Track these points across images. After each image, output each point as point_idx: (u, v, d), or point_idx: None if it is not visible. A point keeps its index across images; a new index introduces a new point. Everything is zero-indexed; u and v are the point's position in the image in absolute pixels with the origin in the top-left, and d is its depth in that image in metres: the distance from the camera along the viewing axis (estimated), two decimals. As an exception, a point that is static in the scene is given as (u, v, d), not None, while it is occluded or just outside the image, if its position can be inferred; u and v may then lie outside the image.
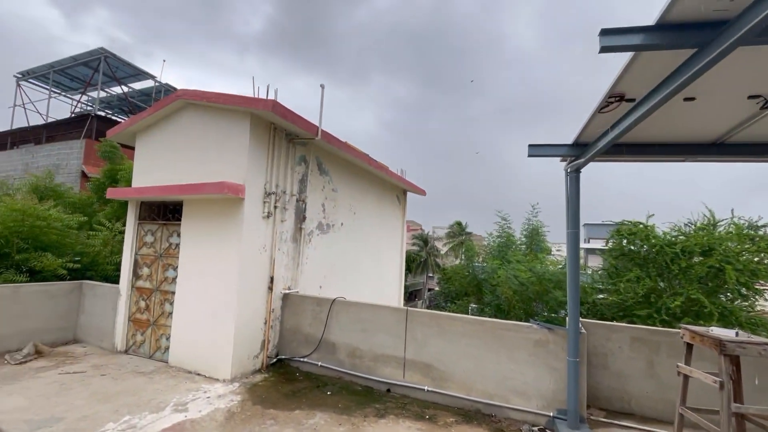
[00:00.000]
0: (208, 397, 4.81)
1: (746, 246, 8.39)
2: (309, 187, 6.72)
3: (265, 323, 5.82)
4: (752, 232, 8.59)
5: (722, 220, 9.00)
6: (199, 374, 5.48)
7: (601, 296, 10.09)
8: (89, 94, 20.37)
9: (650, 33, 2.26)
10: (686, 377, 3.20)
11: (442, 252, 39.31)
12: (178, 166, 6.06)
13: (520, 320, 4.80)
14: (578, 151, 4.03)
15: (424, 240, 38.53)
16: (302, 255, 6.55)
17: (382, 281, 9.71)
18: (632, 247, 9.37)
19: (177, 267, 6.01)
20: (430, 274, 38.77)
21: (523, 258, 12.21)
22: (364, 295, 8.50)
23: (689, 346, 3.26)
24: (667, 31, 2.24)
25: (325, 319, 5.76)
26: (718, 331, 3.02)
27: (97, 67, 17.76)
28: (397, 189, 10.46)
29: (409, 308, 5.34)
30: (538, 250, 14.12)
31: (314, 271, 6.90)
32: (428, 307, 28.78)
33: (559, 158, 4.31)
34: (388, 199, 9.98)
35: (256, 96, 5.63)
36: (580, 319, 4.86)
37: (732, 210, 9.05)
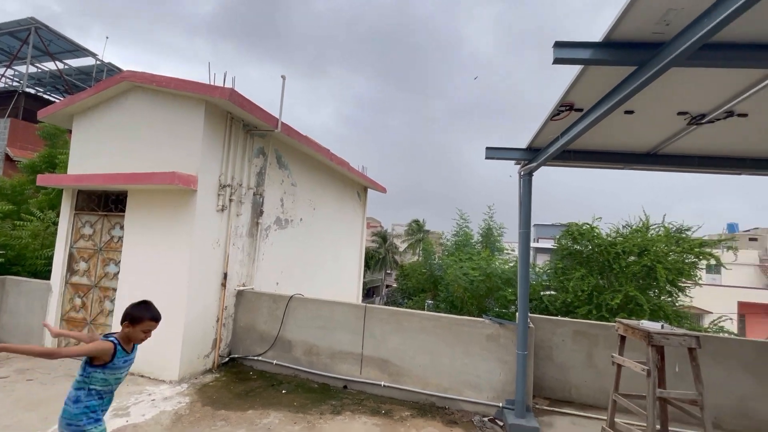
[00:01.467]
0: (153, 400, 4.54)
1: (673, 247, 9.32)
2: (267, 180, 6.52)
3: (218, 321, 5.58)
4: (678, 235, 9.56)
5: (654, 224, 9.92)
6: (143, 376, 5.15)
7: (547, 293, 10.76)
8: (16, 68, 18.29)
9: (597, 49, 2.44)
10: (619, 366, 3.51)
11: (401, 249, 39.83)
12: (123, 153, 5.62)
13: (473, 316, 5.00)
14: (531, 156, 4.26)
15: (383, 237, 38.79)
16: (258, 251, 6.35)
17: (341, 278, 9.66)
18: (578, 247, 10.05)
19: (119, 262, 5.59)
20: (389, 271, 39.15)
21: (476, 256, 12.68)
22: (322, 291, 8.40)
23: (623, 339, 3.58)
24: (612, 48, 2.42)
25: (282, 316, 5.64)
26: (646, 324, 3.34)
27: (26, 39, 15.97)
28: (357, 185, 10.44)
29: (368, 305, 5.37)
30: (494, 249, 14.73)
31: (271, 268, 6.72)
32: (386, 304, 29.08)
33: (513, 161, 4.52)
34: (349, 195, 9.93)
35: (212, 83, 5.37)
36: (529, 314, 5.16)
37: (663, 215, 10.01)
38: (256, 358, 5.70)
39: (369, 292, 34.56)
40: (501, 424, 4.43)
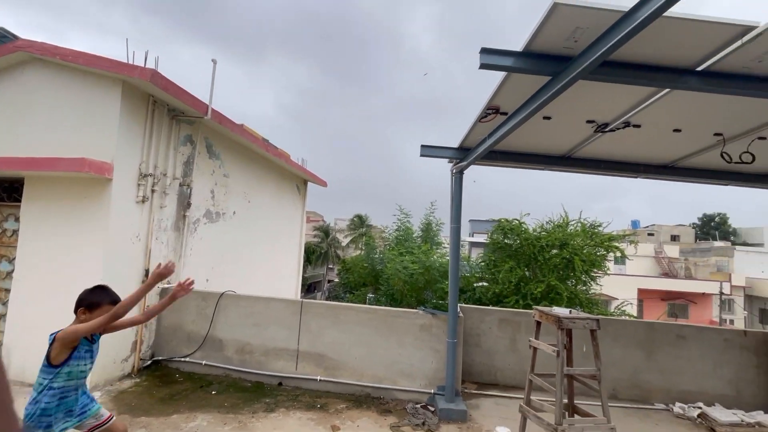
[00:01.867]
0: (58, 413, 4.07)
1: (588, 241, 10.42)
2: (196, 170, 6.10)
3: (138, 322, 5.14)
4: (592, 230, 10.70)
5: (573, 220, 10.99)
6: (45, 387, 4.58)
7: (480, 284, 11.48)
8: None
9: (518, 57, 2.63)
10: (535, 349, 3.86)
11: (344, 244, 39.74)
12: (18, 135, 4.90)
13: (412, 308, 5.19)
14: (462, 155, 4.49)
15: (325, 231, 38.38)
16: (186, 245, 5.95)
17: (278, 273, 9.40)
18: (508, 241, 10.80)
19: (14, 259, 4.90)
20: (331, 266, 38.88)
21: (416, 250, 13.08)
22: (258, 288, 8.11)
23: (538, 324, 3.94)
24: (530, 58, 2.63)
25: (212, 314, 5.36)
26: (557, 311, 3.71)
27: None
28: (297, 178, 10.19)
29: (304, 300, 5.31)
30: (433, 243, 15.28)
31: (200, 264, 6.33)
32: (327, 299, 28.88)
33: (447, 160, 4.74)
34: (288, 188, 9.66)
35: (132, 62, 4.88)
36: (460, 304, 5.47)
37: (580, 212, 11.13)
38: (182, 359, 5.36)
39: (310, 288, 34.06)
40: (432, 409, 4.65)
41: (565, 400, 3.82)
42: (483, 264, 11.82)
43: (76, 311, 2.32)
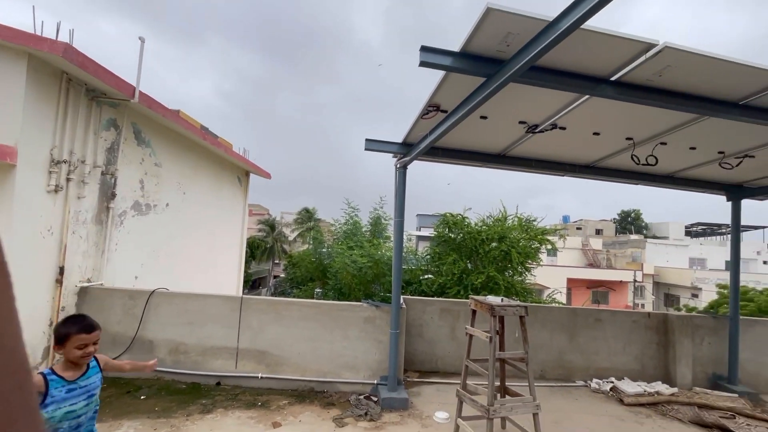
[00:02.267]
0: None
1: (523, 235, 11.15)
2: (122, 158, 5.58)
3: (51, 325, 4.62)
4: (528, 224, 11.47)
5: (511, 215, 11.69)
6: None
7: (426, 277, 11.85)
8: None
9: (456, 57, 2.74)
10: (471, 336, 4.09)
11: (290, 238, 38.74)
12: None
13: (360, 301, 5.22)
14: (406, 150, 4.58)
15: (270, 225, 37.12)
16: (110, 240, 5.43)
17: (218, 269, 8.94)
18: (452, 235, 11.23)
19: None
20: (277, 261, 37.75)
21: (366, 244, 13.14)
22: (196, 285, 7.66)
23: (474, 312, 4.17)
24: (467, 59, 2.75)
25: (141, 314, 4.97)
26: (490, 299, 3.96)
27: None
28: (238, 169, 9.72)
29: (244, 296, 5.11)
30: (381, 236, 15.42)
31: (128, 259, 5.83)
32: (273, 294, 28.04)
33: (391, 154, 4.80)
34: (228, 179, 9.20)
35: (40, 33, 4.32)
36: (404, 296, 5.60)
37: (517, 207, 11.87)
38: (106, 364, 4.92)
39: (254, 284, 32.82)
40: (375, 399, 4.74)
41: (498, 383, 4.10)
42: (429, 257, 12.19)
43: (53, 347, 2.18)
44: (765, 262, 32.28)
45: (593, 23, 2.22)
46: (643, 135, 4.14)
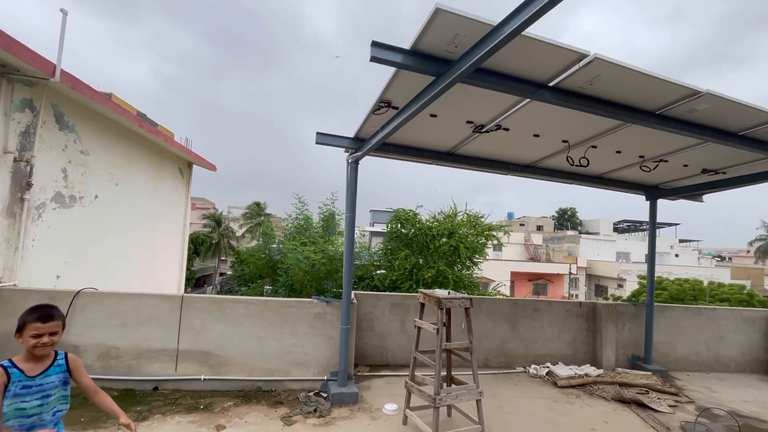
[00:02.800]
0: None
1: (471, 231, 11.61)
2: (39, 144, 4.99)
3: (-49, 333, 4.04)
4: (476, 221, 11.95)
5: (460, 211, 12.11)
6: None
7: (379, 272, 11.97)
8: None
9: (406, 55, 2.77)
10: (419, 329, 4.20)
11: (238, 234, 37.14)
12: None
13: (309, 298, 5.13)
14: (357, 145, 4.57)
15: (216, 220, 35.32)
16: (25, 235, 4.85)
17: (157, 267, 8.34)
18: (404, 231, 11.42)
19: None
20: (223, 258, 36.03)
21: (319, 240, 12.95)
22: (132, 284, 7.10)
23: (422, 305, 4.28)
24: (417, 57, 2.80)
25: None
26: (438, 292, 4.09)
27: None
28: (180, 160, 9.12)
29: (185, 294, 4.83)
30: (333, 232, 15.27)
31: (48, 257, 5.25)
32: (219, 293, 26.72)
33: (343, 149, 4.77)
34: (168, 171, 8.59)
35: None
36: (356, 291, 5.61)
37: (466, 204, 12.32)
38: (21, 373, 4.41)
39: (199, 282, 31.11)
40: (325, 395, 4.72)
41: (444, 373, 4.26)
42: (381, 252, 12.32)
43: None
44: (677, 255, 36.53)
45: (534, 31, 2.36)
46: (577, 138, 4.49)
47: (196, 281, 29.41)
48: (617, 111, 3.39)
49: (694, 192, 6.20)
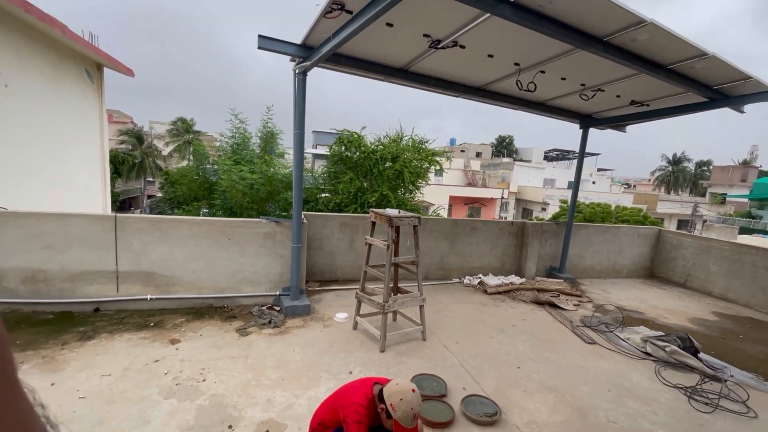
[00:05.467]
0: None
1: (415, 155, 11.74)
2: None
3: None
4: (420, 146, 12.04)
5: (406, 135, 12.05)
6: None
7: (324, 195, 11.92)
8: None
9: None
10: (370, 246, 4.41)
11: (164, 153, 33.85)
12: None
13: (260, 217, 5.02)
14: (306, 53, 4.18)
15: (136, 136, 31.60)
16: None
17: (72, 187, 7.46)
18: (348, 153, 11.21)
19: None
20: (150, 179, 33.11)
21: (257, 159, 12.30)
22: (44, 205, 6.33)
23: (373, 224, 4.45)
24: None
25: (-29, 239, 3.99)
26: (389, 211, 4.25)
27: None
28: (86, 61, 7.69)
29: (119, 214, 4.47)
30: (273, 152, 14.51)
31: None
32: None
33: (289, 58, 4.34)
34: (71, 73, 7.25)
35: None
36: (303, 212, 5.59)
37: (412, 129, 12.23)
38: (-72, 301, 3.97)
39: (124, 204, 28.69)
40: (278, 308, 4.93)
41: (392, 284, 4.63)
42: (325, 175, 12.14)
43: None
44: (594, 183, 40.86)
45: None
46: (528, 62, 4.53)
47: (120, 204, 27.04)
48: (570, 35, 3.43)
49: (620, 122, 6.77)
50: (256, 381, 3.34)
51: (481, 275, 7.06)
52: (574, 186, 7.76)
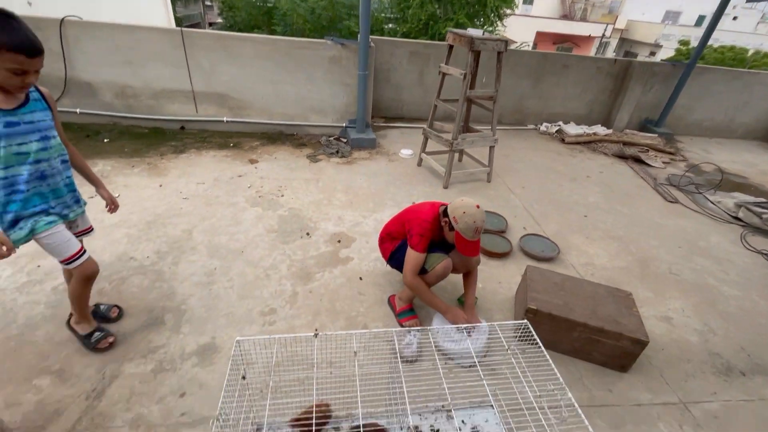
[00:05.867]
0: None
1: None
2: None
3: None
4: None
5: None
6: None
7: (389, 26, 10.64)
8: None
9: None
10: (444, 75, 3.95)
11: (221, -30, 30.77)
12: None
13: (324, 38, 4.61)
14: None
15: (190, -51, 28.44)
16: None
17: (139, 9, 7.22)
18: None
19: None
20: (209, 3, 31.29)
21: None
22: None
23: (450, 50, 3.87)
24: None
25: (60, 49, 4.18)
26: (471, 32, 3.60)
27: None
28: None
29: (184, 29, 4.31)
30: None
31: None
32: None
33: None
34: None
35: None
36: (370, 36, 5.01)
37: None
38: (47, 108, 4.50)
39: (190, 32, 28.20)
40: (345, 140, 4.99)
41: (462, 123, 4.31)
42: (392, 1, 10.58)
43: None
44: (735, 18, 31.46)
45: None
46: None
47: (186, 31, 26.63)
48: None
49: None
50: (327, 201, 3.62)
51: (561, 122, 6.36)
52: (714, 15, 5.93)
